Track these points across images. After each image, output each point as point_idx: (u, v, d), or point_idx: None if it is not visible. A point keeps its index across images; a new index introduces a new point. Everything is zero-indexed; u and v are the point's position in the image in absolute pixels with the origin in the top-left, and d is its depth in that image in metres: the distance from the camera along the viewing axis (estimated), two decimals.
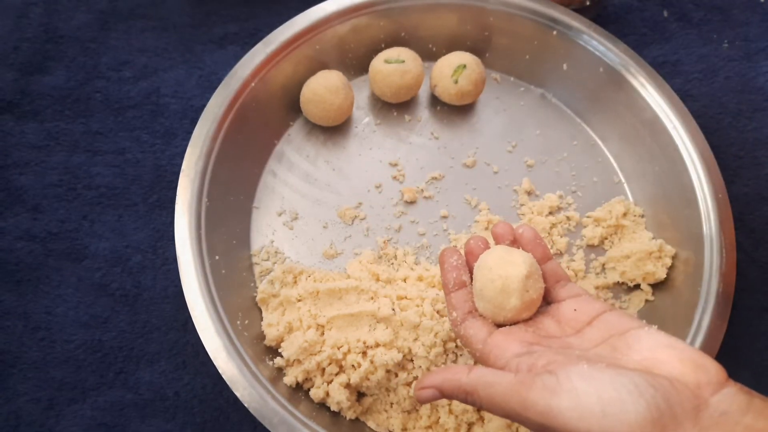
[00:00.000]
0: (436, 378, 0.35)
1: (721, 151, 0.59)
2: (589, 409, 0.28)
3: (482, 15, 0.57)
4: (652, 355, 0.31)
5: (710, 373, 0.30)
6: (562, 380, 0.30)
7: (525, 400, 0.30)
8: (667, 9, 0.67)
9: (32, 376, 0.50)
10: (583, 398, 0.29)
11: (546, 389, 0.30)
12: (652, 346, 0.32)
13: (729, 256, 0.48)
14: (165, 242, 0.54)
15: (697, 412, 0.28)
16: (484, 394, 0.32)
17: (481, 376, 0.33)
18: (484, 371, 0.33)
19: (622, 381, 0.29)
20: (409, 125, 0.58)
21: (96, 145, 0.58)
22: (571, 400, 0.29)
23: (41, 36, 0.62)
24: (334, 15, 0.55)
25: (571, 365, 0.30)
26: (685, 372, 0.30)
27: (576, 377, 0.29)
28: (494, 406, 0.32)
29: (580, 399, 0.29)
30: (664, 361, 0.31)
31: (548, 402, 0.29)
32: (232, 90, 0.52)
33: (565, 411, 0.29)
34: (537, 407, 0.29)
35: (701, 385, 0.29)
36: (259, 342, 0.47)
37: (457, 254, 0.41)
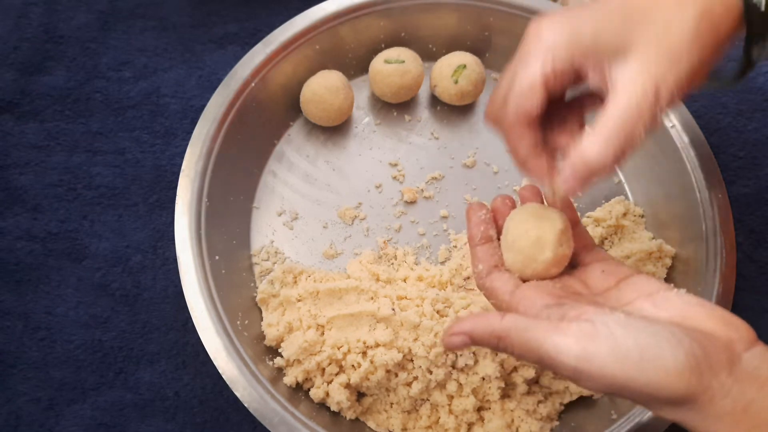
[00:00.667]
0: (467, 324, 0.33)
1: (721, 151, 0.59)
2: (626, 354, 0.28)
3: (482, 15, 0.57)
4: (682, 313, 0.31)
5: (741, 331, 0.30)
6: (599, 326, 0.29)
7: (560, 344, 0.29)
8: None
9: (32, 376, 0.50)
10: (621, 343, 0.28)
11: (583, 333, 0.29)
12: (681, 305, 0.32)
13: (729, 256, 0.48)
14: (165, 242, 0.54)
15: (732, 364, 0.28)
16: (517, 338, 0.31)
17: (515, 320, 0.32)
18: (517, 317, 0.32)
19: (660, 329, 0.29)
20: (409, 125, 0.58)
21: (96, 145, 0.58)
22: (608, 345, 0.28)
23: (41, 36, 0.62)
24: (334, 15, 0.55)
25: (607, 314, 0.30)
26: (717, 328, 0.30)
27: (613, 324, 0.29)
28: (527, 352, 0.31)
29: (617, 344, 0.28)
30: (694, 318, 0.31)
31: (585, 345, 0.29)
32: (232, 90, 0.52)
33: (602, 355, 0.28)
34: (572, 351, 0.29)
35: (733, 340, 0.29)
36: (259, 342, 0.47)
37: (485, 209, 0.40)
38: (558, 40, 0.33)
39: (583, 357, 0.28)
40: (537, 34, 0.34)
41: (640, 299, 0.33)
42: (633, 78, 0.31)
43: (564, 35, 0.33)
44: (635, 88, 0.31)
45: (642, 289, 0.34)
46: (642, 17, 0.31)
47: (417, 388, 0.45)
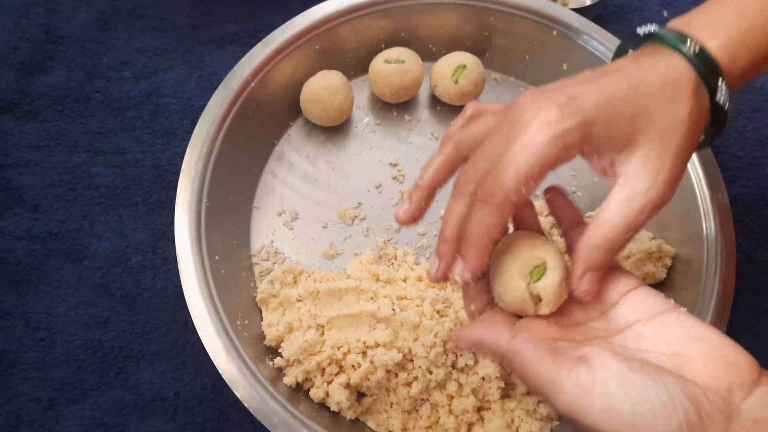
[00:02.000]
0: (478, 333, 0.34)
1: (721, 151, 0.59)
2: (619, 416, 0.28)
3: (482, 15, 0.57)
4: (682, 350, 0.31)
5: (743, 373, 0.29)
6: (598, 380, 0.29)
7: (559, 390, 0.29)
8: (667, 9, 0.67)
9: (32, 376, 0.50)
10: (616, 404, 0.28)
11: (581, 386, 0.29)
12: (682, 338, 0.31)
13: (729, 256, 0.48)
14: (165, 242, 0.54)
15: (728, 422, 0.28)
16: (519, 367, 0.31)
17: (523, 345, 0.32)
18: (526, 342, 0.32)
19: (658, 390, 0.28)
20: (409, 125, 0.58)
21: (96, 145, 0.58)
22: (603, 404, 0.28)
23: (41, 36, 0.62)
24: (334, 15, 0.55)
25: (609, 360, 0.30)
26: (717, 374, 0.29)
27: (612, 380, 0.29)
28: (526, 380, 0.31)
29: (612, 404, 0.28)
30: (694, 359, 0.30)
31: (579, 398, 0.29)
32: (232, 90, 0.52)
33: (595, 413, 0.28)
34: (569, 400, 0.29)
35: (733, 388, 0.29)
36: (259, 342, 0.47)
37: None
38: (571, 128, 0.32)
39: (577, 410, 0.29)
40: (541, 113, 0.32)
41: (640, 324, 0.32)
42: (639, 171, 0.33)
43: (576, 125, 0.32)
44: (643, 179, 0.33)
45: (642, 311, 0.33)
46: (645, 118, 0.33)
47: (417, 388, 0.45)
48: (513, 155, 0.31)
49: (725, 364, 0.30)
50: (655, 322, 0.32)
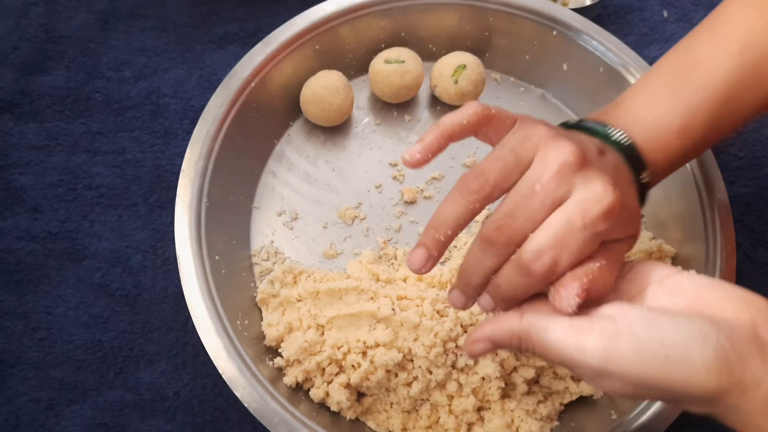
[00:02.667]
0: (486, 329, 0.33)
1: (721, 151, 0.59)
2: (652, 354, 0.27)
3: (482, 15, 0.57)
4: (699, 298, 0.30)
5: (763, 310, 0.29)
6: (622, 326, 0.28)
7: (582, 345, 0.29)
8: (667, 9, 0.67)
9: (32, 376, 0.50)
10: (646, 343, 0.28)
11: (605, 334, 0.28)
12: (696, 288, 0.31)
13: (729, 257, 0.48)
14: (165, 242, 0.54)
15: (761, 350, 0.28)
16: (538, 339, 0.31)
17: (534, 320, 0.31)
18: (537, 315, 0.32)
19: (685, 324, 0.28)
20: (409, 125, 0.58)
21: (96, 145, 0.58)
22: (632, 345, 0.28)
23: (41, 36, 0.62)
24: (334, 15, 0.55)
25: (628, 310, 0.29)
26: (739, 311, 0.29)
27: (636, 322, 0.28)
28: (549, 352, 0.30)
29: (641, 344, 0.28)
30: (713, 304, 0.30)
31: (607, 346, 0.28)
32: (232, 90, 0.52)
33: (626, 356, 0.28)
34: (595, 352, 0.28)
35: (757, 322, 0.29)
36: (259, 342, 0.47)
37: None
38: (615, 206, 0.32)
39: (607, 358, 0.28)
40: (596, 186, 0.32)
41: (652, 287, 0.32)
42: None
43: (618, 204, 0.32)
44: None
45: (651, 276, 0.33)
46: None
47: (417, 388, 0.45)
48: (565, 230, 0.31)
49: (744, 303, 0.30)
50: (666, 283, 0.32)
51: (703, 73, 0.38)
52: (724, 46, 0.39)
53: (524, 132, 0.33)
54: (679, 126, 0.38)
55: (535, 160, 0.32)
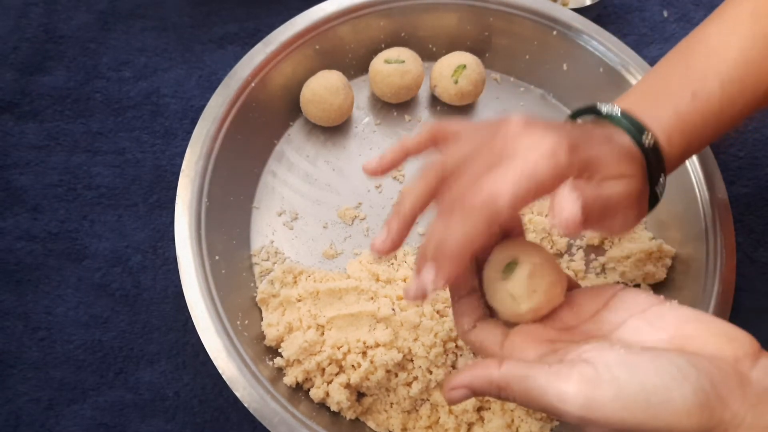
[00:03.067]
0: (465, 377, 0.32)
1: (721, 151, 0.59)
2: (633, 399, 0.27)
3: (482, 15, 0.57)
4: (680, 332, 0.30)
5: (744, 346, 0.29)
6: (601, 371, 0.28)
7: (563, 393, 0.28)
8: (667, 9, 0.67)
9: (32, 376, 0.50)
10: (626, 387, 0.27)
11: (585, 381, 0.28)
12: (677, 322, 0.31)
13: (729, 257, 0.48)
14: (165, 242, 0.54)
15: (743, 389, 0.27)
16: (518, 388, 0.30)
17: (513, 369, 0.30)
18: (516, 364, 0.31)
19: (664, 365, 0.27)
20: (409, 125, 0.58)
21: (96, 145, 0.58)
22: (612, 391, 0.27)
23: (41, 36, 0.62)
24: (334, 15, 0.55)
25: (607, 352, 0.29)
26: (720, 347, 0.29)
27: (615, 366, 0.28)
28: (530, 401, 0.30)
29: (622, 389, 0.27)
30: (694, 337, 0.30)
31: (588, 393, 0.27)
32: (232, 90, 0.52)
33: (607, 403, 0.27)
34: (576, 401, 0.28)
35: (739, 359, 0.28)
36: (259, 342, 0.47)
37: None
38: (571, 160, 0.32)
39: (588, 406, 0.27)
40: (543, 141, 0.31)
41: (634, 318, 0.32)
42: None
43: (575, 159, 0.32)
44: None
45: (632, 307, 0.33)
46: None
47: (417, 388, 0.45)
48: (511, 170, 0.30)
49: (726, 338, 0.29)
50: (648, 314, 0.32)
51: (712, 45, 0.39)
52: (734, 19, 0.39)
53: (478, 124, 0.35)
54: (691, 90, 0.38)
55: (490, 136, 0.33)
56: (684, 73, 0.39)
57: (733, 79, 0.38)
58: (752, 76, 0.38)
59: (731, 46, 0.38)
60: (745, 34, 0.38)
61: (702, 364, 0.28)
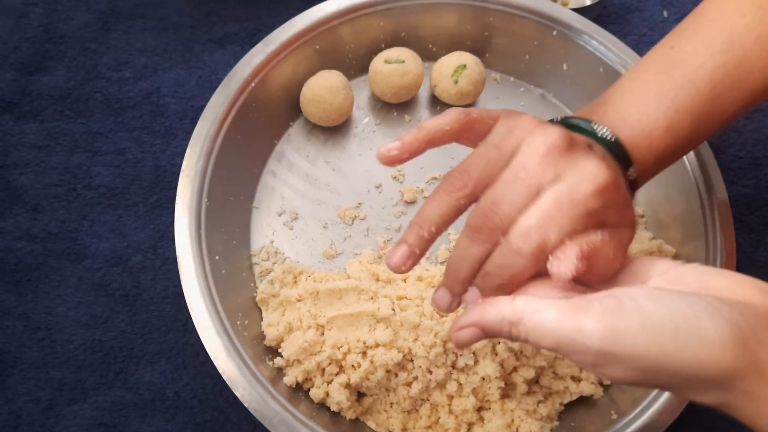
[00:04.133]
0: (474, 314, 0.30)
1: (721, 151, 0.59)
2: (660, 328, 0.25)
3: (482, 15, 0.57)
4: (706, 284, 0.28)
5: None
6: (625, 301, 0.26)
7: (580, 324, 0.26)
8: (667, 9, 0.67)
9: (32, 376, 0.50)
10: (653, 316, 0.25)
11: (607, 310, 0.26)
12: (701, 278, 0.29)
13: (729, 257, 0.48)
14: (165, 242, 0.54)
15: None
16: (532, 322, 0.27)
17: (527, 302, 0.28)
18: (530, 299, 0.29)
19: (694, 299, 0.25)
20: (409, 125, 0.58)
21: (96, 145, 0.58)
22: (637, 319, 0.25)
23: (41, 36, 0.62)
24: (334, 15, 0.55)
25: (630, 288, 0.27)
26: (749, 294, 0.27)
27: (641, 297, 0.26)
28: (543, 336, 0.27)
29: (648, 317, 0.25)
30: (722, 288, 0.28)
31: (610, 323, 0.25)
32: (232, 90, 0.52)
33: (631, 331, 0.25)
34: (596, 332, 0.25)
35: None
36: (259, 342, 0.47)
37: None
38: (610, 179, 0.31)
39: (610, 336, 0.25)
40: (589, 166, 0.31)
41: (654, 279, 0.30)
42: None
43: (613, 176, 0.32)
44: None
45: (652, 269, 0.31)
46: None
47: (417, 388, 0.45)
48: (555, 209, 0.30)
49: (752, 287, 0.28)
50: (669, 274, 0.30)
51: (687, 72, 0.38)
52: (708, 44, 0.38)
53: (506, 126, 0.33)
54: (665, 125, 0.38)
55: (521, 149, 0.31)
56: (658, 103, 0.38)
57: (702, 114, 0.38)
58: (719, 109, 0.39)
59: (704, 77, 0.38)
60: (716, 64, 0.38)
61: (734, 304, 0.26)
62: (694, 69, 0.38)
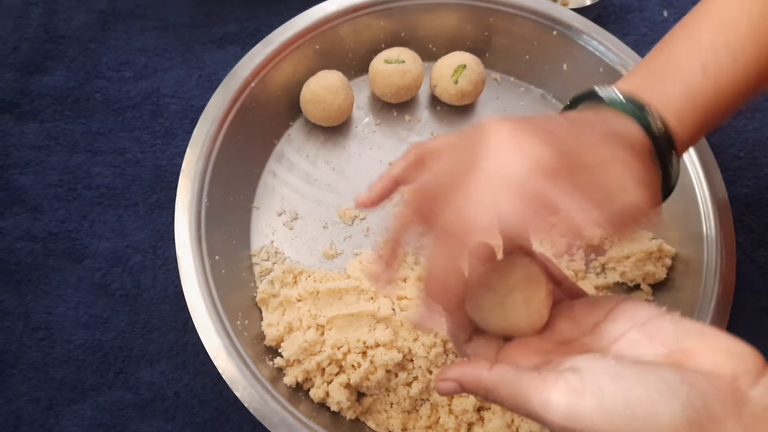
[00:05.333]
0: (456, 371, 0.32)
1: (721, 151, 0.59)
2: (616, 412, 0.26)
3: (482, 15, 0.57)
4: (680, 347, 0.29)
5: (746, 362, 0.27)
6: (587, 380, 0.27)
7: (547, 401, 0.27)
8: (667, 9, 0.67)
9: (32, 376, 0.50)
10: (610, 400, 0.26)
11: (569, 390, 0.27)
12: (677, 336, 0.29)
13: (729, 257, 0.48)
14: (165, 242, 0.54)
15: (738, 407, 0.26)
16: (505, 392, 0.29)
17: (503, 373, 0.30)
18: (506, 369, 0.30)
19: (651, 378, 0.26)
20: (409, 125, 0.58)
21: (96, 145, 0.58)
22: (596, 402, 0.26)
23: (41, 36, 0.62)
24: (334, 15, 0.55)
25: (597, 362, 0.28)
26: (719, 363, 0.27)
27: (602, 376, 0.27)
28: (515, 406, 0.29)
29: (605, 401, 0.26)
30: (693, 353, 0.28)
31: (572, 404, 0.27)
32: (232, 90, 0.52)
33: (590, 413, 0.26)
34: (560, 408, 0.27)
35: (738, 376, 0.27)
36: (259, 342, 0.47)
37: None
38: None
39: (571, 416, 0.26)
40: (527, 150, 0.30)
41: (633, 330, 0.31)
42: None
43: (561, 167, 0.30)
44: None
45: (633, 319, 0.31)
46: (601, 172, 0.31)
47: (417, 388, 0.45)
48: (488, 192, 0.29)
49: (727, 354, 0.28)
50: (648, 327, 0.31)
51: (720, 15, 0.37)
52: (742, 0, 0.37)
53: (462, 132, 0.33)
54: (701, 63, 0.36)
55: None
56: (691, 47, 0.37)
57: (745, 50, 0.36)
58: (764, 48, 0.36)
59: (740, 17, 0.36)
60: (752, 5, 0.36)
61: (696, 380, 0.26)
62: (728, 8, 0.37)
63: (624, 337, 0.31)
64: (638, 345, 0.30)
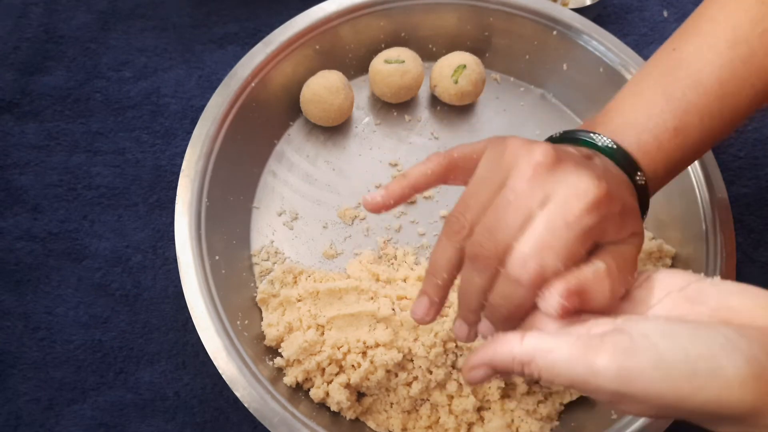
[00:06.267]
0: (485, 354, 0.30)
1: (721, 151, 0.59)
2: (675, 368, 0.24)
3: (482, 15, 0.57)
4: (725, 306, 0.27)
5: None
6: (637, 339, 0.25)
7: (593, 364, 0.25)
8: (667, 9, 0.67)
9: (32, 376, 0.50)
10: (667, 356, 0.24)
11: (619, 350, 0.25)
12: (721, 295, 0.28)
13: (729, 256, 0.48)
14: (165, 242, 0.54)
15: None
16: (543, 362, 0.27)
17: (537, 341, 0.28)
18: (539, 336, 0.28)
19: (710, 333, 0.25)
20: (409, 125, 0.58)
21: (96, 145, 0.58)
22: (651, 359, 0.24)
23: (41, 36, 0.62)
24: (334, 15, 0.55)
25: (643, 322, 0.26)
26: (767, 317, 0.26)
27: (654, 333, 0.25)
28: (556, 376, 0.27)
29: (662, 357, 0.24)
30: (740, 310, 0.27)
31: (623, 364, 0.25)
32: (232, 90, 0.52)
33: (645, 372, 0.24)
34: (609, 373, 0.25)
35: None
36: (259, 342, 0.47)
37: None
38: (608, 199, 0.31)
39: (624, 378, 0.25)
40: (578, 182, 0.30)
41: (671, 296, 0.29)
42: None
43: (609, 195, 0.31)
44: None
45: (671, 284, 0.30)
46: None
47: (417, 388, 0.45)
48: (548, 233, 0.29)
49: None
50: (688, 291, 0.29)
51: (693, 72, 0.38)
52: (712, 43, 0.38)
53: (493, 156, 0.33)
54: (674, 125, 0.37)
55: (510, 174, 0.31)
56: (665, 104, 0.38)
57: (713, 113, 0.37)
58: (730, 108, 0.38)
59: (710, 76, 0.37)
60: (722, 62, 0.37)
61: (753, 334, 0.25)
62: (699, 68, 0.37)
63: (662, 303, 0.30)
64: (678, 307, 0.29)
